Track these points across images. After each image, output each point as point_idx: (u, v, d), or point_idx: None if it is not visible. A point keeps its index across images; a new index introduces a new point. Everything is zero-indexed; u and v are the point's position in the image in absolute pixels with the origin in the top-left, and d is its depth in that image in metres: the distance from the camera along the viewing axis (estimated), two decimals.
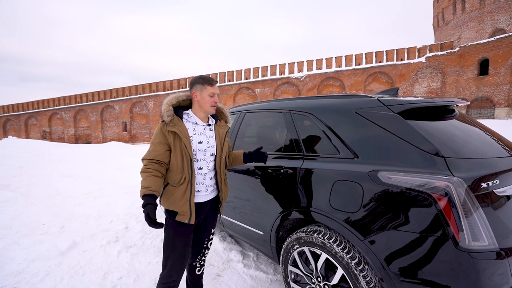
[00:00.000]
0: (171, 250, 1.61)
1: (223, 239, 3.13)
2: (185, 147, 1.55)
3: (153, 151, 1.57)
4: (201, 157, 1.64)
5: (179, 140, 1.56)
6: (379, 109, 1.53)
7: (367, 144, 1.51)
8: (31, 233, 3.60)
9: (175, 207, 1.56)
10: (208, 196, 1.70)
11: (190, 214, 1.56)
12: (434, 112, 1.58)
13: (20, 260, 2.87)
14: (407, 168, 1.30)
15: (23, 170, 8.17)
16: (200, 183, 1.65)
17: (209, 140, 1.67)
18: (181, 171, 1.56)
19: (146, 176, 1.51)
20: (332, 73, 24.47)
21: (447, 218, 1.14)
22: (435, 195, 1.17)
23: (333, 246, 1.51)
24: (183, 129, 1.56)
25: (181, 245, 1.61)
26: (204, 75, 1.65)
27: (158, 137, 1.58)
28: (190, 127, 1.62)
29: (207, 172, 1.67)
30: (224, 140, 1.74)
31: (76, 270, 2.64)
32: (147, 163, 1.55)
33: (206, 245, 1.83)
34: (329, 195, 1.56)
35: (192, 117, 1.66)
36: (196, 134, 1.63)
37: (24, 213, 4.44)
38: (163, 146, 1.57)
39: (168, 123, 1.55)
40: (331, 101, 1.84)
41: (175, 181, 1.56)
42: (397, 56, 23.62)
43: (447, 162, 1.23)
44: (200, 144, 1.63)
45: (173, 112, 1.58)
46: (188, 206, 1.55)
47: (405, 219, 1.25)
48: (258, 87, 26.96)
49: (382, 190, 1.33)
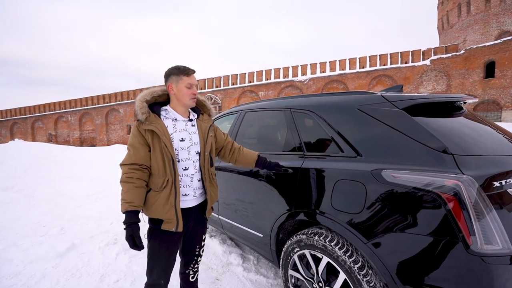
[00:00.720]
0: (156, 260, 1.50)
1: (223, 241, 3.06)
2: (165, 146, 1.40)
3: (133, 155, 1.41)
4: (185, 157, 1.49)
5: (158, 139, 1.41)
6: (383, 105, 1.46)
7: (371, 142, 1.44)
8: (31, 235, 3.58)
9: (159, 214, 1.41)
10: (197, 200, 1.56)
11: (177, 221, 1.42)
12: (441, 109, 1.51)
13: (18, 262, 2.84)
14: (413, 167, 1.23)
15: (28, 172, 8.22)
16: (187, 185, 1.50)
17: (192, 136, 1.52)
18: (163, 174, 1.41)
19: (128, 187, 1.36)
20: (336, 76, 24.38)
21: (457, 220, 1.06)
22: (443, 194, 1.10)
23: (335, 249, 1.43)
24: (162, 127, 1.41)
25: (167, 255, 1.51)
26: (180, 65, 1.49)
27: (135, 138, 1.42)
28: (169, 124, 1.48)
29: (194, 173, 1.52)
30: (207, 136, 1.58)
31: (73, 272, 2.59)
32: (128, 170, 1.39)
33: (199, 253, 1.71)
34: (330, 195, 1.49)
35: (171, 113, 1.51)
36: (177, 131, 1.48)
37: (26, 215, 4.44)
38: (143, 147, 1.42)
39: (144, 121, 1.40)
40: (333, 98, 1.77)
41: (157, 185, 1.42)
42: (401, 59, 23.45)
43: (456, 159, 1.15)
44: (183, 142, 1.49)
45: (148, 109, 1.43)
46: (174, 212, 1.41)
47: (411, 221, 1.17)
48: (261, 90, 26.98)
49: (387, 190, 1.26)
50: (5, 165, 9.21)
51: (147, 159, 1.43)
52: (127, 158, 1.42)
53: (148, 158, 1.43)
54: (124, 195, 1.36)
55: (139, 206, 1.37)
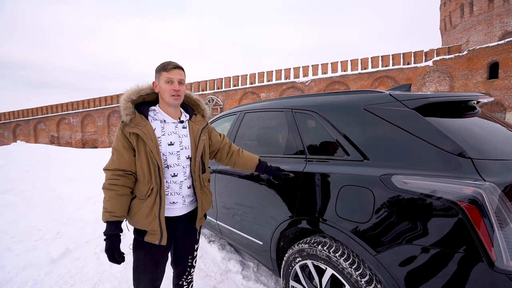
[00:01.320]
0: (142, 273, 1.39)
1: (222, 247, 2.95)
2: (151, 152, 1.28)
3: (116, 160, 1.30)
4: (174, 162, 1.36)
5: (143, 144, 1.29)
6: (392, 105, 1.35)
7: (379, 144, 1.33)
8: (26, 239, 3.49)
9: (142, 225, 1.31)
10: (186, 208, 1.44)
11: (161, 233, 1.31)
12: (454, 109, 1.40)
13: (10, 267, 2.75)
14: (426, 172, 1.12)
15: (29, 174, 8.18)
16: (175, 193, 1.38)
17: (182, 140, 1.39)
18: (148, 181, 1.30)
19: (111, 195, 1.26)
20: (338, 78, 24.26)
21: (478, 232, 0.94)
22: (462, 203, 0.98)
23: (339, 260, 1.32)
24: (148, 130, 1.29)
25: (154, 267, 1.40)
26: (164, 61, 1.36)
27: (120, 141, 1.31)
28: (158, 126, 1.35)
29: (183, 180, 1.39)
30: (199, 139, 1.44)
31: (66, 280, 2.49)
32: (111, 176, 1.29)
33: (191, 264, 1.58)
34: (335, 202, 1.38)
35: (159, 114, 1.38)
36: (166, 134, 1.36)
37: (22, 218, 4.36)
38: (128, 151, 1.31)
39: (128, 123, 1.29)
40: (337, 97, 1.67)
41: (142, 193, 1.31)
42: (403, 60, 23.30)
43: (475, 164, 1.04)
44: (172, 146, 1.36)
45: (133, 110, 1.31)
46: (158, 223, 1.30)
47: (425, 232, 1.06)
48: (263, 91, 26.90)
49: (397, 197, 1.15)
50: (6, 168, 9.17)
51: (132, 164, 1.32)
52: (110, 163, 1.32)
53: (133, 163, 1.32)
54: (105, 204, 1.27)
55: (121, 216, 1.28)
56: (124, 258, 1.27)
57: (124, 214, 1.30)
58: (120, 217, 1.27)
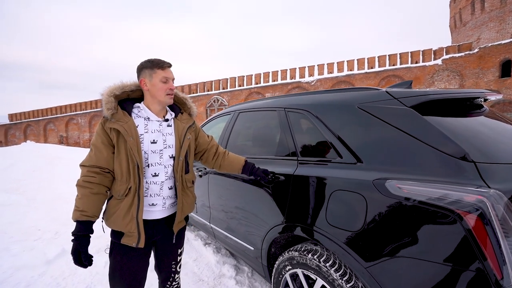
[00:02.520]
0: (119, 279, 1.30)
1: (217, 250, 2.87)
2: (131, 150, 1.22)
3: (94, 156, 1.24)
4: (156, 161, 1.31)
5: (124, 141, 1.24)
6: (388, 103, 1.25)
7: (373, 146, 1.23)
8: (25, 239, 3.49)
9: (119, 226, 1.24)
10: (166, 211, 1.37)
11: (138, 235, 1.24)
12: (458, 107, 1.28)
13: (6, 268, 2.73)
14: (424, 176, 1.01)
15: (35, 174, 8.28)
16: (155, 194, 1.31)
17: (166, 138, 1.34)
18: (127, 180, 1.24)
19: (84, 193, 1.20)
20: (344, 77, 23.94)
21: (482, 246, 0.83)
22: (462, 213, 0.87)
23: (330, 271, 1.22)
24: (130, 126, 1.24)
25: (133, 273, 1.31)
26: (154, 58, 1.31)
27: (100, 137, 1.25)
28: (141, 124, 1.30)
29: (164, 180, 1.33)
30: (184, 138, 1.39)
31: (58, 281, 2.45)
32: (87, 173, 1.23)
33: (175, 269, 1.50)
34: (325, 208, 1.28)
35: (143, 111, 1.33)
36: (149, 131, 1.31)
37: (23, 218, 4.38)
38: (107, 148, 1.25)
39: (110, 118, 1.23)
40: (330, 95, 1.57)
41: (119, 192, 1.25)
42: (411, 59, 22.83)
43: (478, 168, 0.93)
44: (154, 144, 1.30)
45: (115, 104, 1.25)
46: (135, 224, 1.23)
47: (422, 244, 0.95)
48: (268, 91, 26.77)
49: (391, 204, 1.04)
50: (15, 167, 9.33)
51: (110, 161, 1.26)
52: (88, 159, 1.26)
53: (111, 161, 1.26)
54: (77, 202, 1.21)
55: (93, 216, 1.21)
56: (91, 261, 1.20)
57: (96, 215, 1.23)
58: (92, 217, 1.20)
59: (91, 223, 1.21)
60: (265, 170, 1.60)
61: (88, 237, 1.20)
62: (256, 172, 1.60)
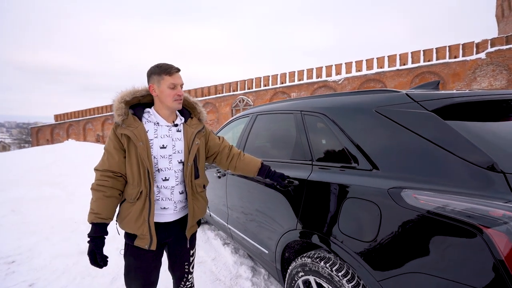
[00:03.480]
0: (133, 278, 1.36)
1: (235, 251, 2.90)
2: (141, 154, 1.26)
3: (107, 160, 1.29)
4: (166, 166, 1.33)
5: (134, 146, 1.28)
6: (408, 106, 1.17)
7: (390, 152, 1.16)
8: (63, 230, 3.81)
9: (132, 228, 1.30)
10: (178, 214, 1.40)
11: (150, 238, 1.29)
12: (490, 111, 1.16)
13: (46, 255, 3.01)
14: (445, 187, 0.93)
15: (74, 170, 9.03)
16: (166, 198, 1.35)
17: (175, 143, 1.36)
18: (138, 184, 1.28)
19: (98, 196, 1.26)
20: (373, 75, 22.87)
21: (509, 267, 0.75)
22: (487, 229, 0.79)
23: (342, 281, 1.18)
24: (139, 132, 1.27)
25: (146, 273, 1.37)
26: (162, 63, 1.32)
27: (112, 142, 1.30)
28: (151, 129, 1.33)
29: (175, 185, 1.36)
30: (192, 143, 1.40)
31: (90, 271, 2.65)
32: (100, 177, 1.28)
33: (188, 270, 1.53)
34: (338, 215, 1.23)
35: (153, 116, 1.35)
36: (158, 137, 1.33)
37: (63, 210, 4.79)
38: (119, 152, 1.29)
39: (121, 124, 1.27)
40: (347, 98, 1.51)
41: (131, 196, 1.29)
42: (449, 53, 21.14)
43: (508, 180, 0.84)
44: (163, 149, 1.33)
45: (125, 110, 1.29)
46: (147, 227, 1.27)
47: (438, 260, 0.88)
48: (293, 91, 26.45)
49: (406, 215, 0.97)
50: (58, 163, 10.26)
51: (122, 166, 1.31)
52: (101, 163, 1.31)
53: (123, 165, 1.31)
54: (92, 204, 1.26)
55: (107, 219, 1.26)
56: (106, 262, 1.26)
57: (110, 217, 1.28)
58: (106, 219, 1.26)
59: (105, 225, 1.27)
60: (281, 175, 1.57)
61: (103, 239, 1.26)
62: (273, 176, 1.58)
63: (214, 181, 2.69)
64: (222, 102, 29.12)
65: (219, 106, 28.94)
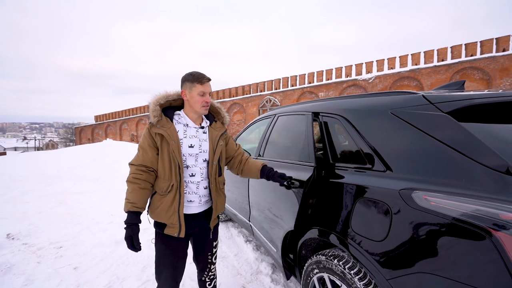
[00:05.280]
0: (163, 265, 1.50)
1: (256, 248, 2.99)
2: (173, 152, 1.40)
3: (141, 156, 1.44)
4: (193, 163, 1.48)
5: (167, 144, 1.42)
6: (423, 108, 1.16)
7: (404, 154, 1.16)
8: (101, 221, 4.19)
9: (162, 218, 1.43)
10: (201, 207, 1.54)
11: (179, 226, 1.42)
12: (506, 112, 1.11)
13: (87, 244, 3.35)
14: (457, 189, 0.93)
15: (112, 166, 9.78)
16: (193, 192, 1.49)
17: (201, 144, 1.50)
18: (169, 178, 1.42)
19: (133, 188, 1.39)
20: (407, 72, 21.59)
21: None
22: (497, 232, 0.79)
23: (354, 278, 1.21)
24: (172, 131, 1.41)
25: (174, 260, 1.50)
26: (195, 72, 1.45)
27: (146, 139, 1.44)
28: (180, 129, 1.47)
29: (200, 181, 1.50)
30: (217, 144, 1.54)
31: (123, 260, 2.90)
32: (135, 171, 1.42)
33: (211, 260, 1.66)
34: (351, 215, 1.26)
35: (183, 118, 1.50)
36: (187, 137, 1.47)
37: (101, 204, 5.24)
38: (152, 149, 1.44)
39: (155, 124, 1.42)
40: (363, 100, 1.52)
41: (162, 189, 1.43)
42: (497, 46, 19.26)
43: None
44: (191, 148, 1.47)
45: (160, 112, 1.43)
46: (177, 217, 1.41)
47: (446, 262, 0.89)
48: (321, 90, 25.93)
49: (416, 216, 0.98)
50: (97, 161, 11.17)
51: (155, 162, 1.45)
52: (136, 158, 1.46)
53: (156, 161, 1.45)
54: (128, 195, 1.40)
55: (141, 208, 1.40)
56: (140, 247, 1.39)
57: (144, 206, 1.41)
58: (141, 208, 1.39)
59: (139, 213, 1.40)
60: (282, 174, 1.63)
61: (138, 225, 1.40)
62: (273, 176, 1.64)
63: (238, 180, 2.81)
64: (250, 102, 29.42)
65: (246, 107, 29.27)
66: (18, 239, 3.39)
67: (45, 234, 3.56)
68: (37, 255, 2.96)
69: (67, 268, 2.71)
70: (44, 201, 5.20)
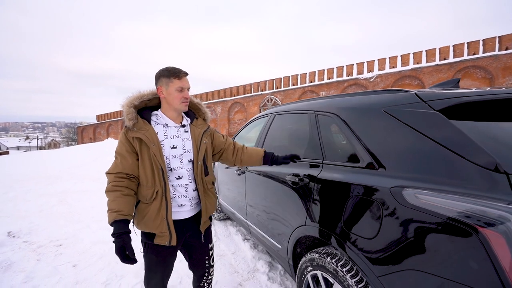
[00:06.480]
0: (154, 272, 1.43)
1: (254, 246, 3.00)
2: (154, 155, 1.29)
3: (120, 163, 1.30)
4: (178, 165, 1.38)
5: (147, 148, 1.31)
6: (415, 106, 1.16)
7: (397, 152, 1.16)
8: (101, 220, 4.21)
9: (151, 228, 1.32)
10: (193, 210, 1.45)
11: (169, 234, 1.32)
12: (497, 110, 1.11)
13: (87, 241, 3.38)
14: (447, 187, 0.93)
15: None
16: (182, 196, 1.40)
17: (185, 143, 1.41)
18: (152, 185, 1.31)
19: (116, 196, 1.24)
20: (409, 71, 21.49)
21: (505, 268, 0.74)
22: (484, 229, 0.79)
23: (346, 276, 1.21)
24: (151, 134, 1.31)
25: (164, 267, 1.44)
26: (171, 67, 1.35)
27: (123, 145, 1.32)
28: (160, 130, 1.37)
29: (189, 183, 1.40)
30: (200, 142, 1.45)
31: None
32: (115, 179, 1.28)
33: (209, 264, 1.59)
34: (343, 212, 1.27)
35: (161, 118, 1.39)
36: (168, 138, 1.37)
37: (101, 202, 5.27)
38: (131, 155, 1.31)
39: (131, 128, 1.30)
40: (357, 99, 1.52)
41: (146, 197, 1.31)
42: (500, 45, 19.11)
43: (511, 181, 0.82)
44: (174, 149, 1.37)
45: (135, 115, 1.32)
46: (166, 225, 1.31)
47: (435, 259, 0.89)
48: (323, 89, 25.87)
49: (406, 214, 0.99)
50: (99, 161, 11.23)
51: (135, 168, 1.33)
52: (114, 166, 1.32)
53: (136, 168, 1.34)
54: (110, 205, 1.24)
55: (128, 215, 1.24)
56: (136, 259, 1.21)
57: (130, 214, 1.26)
58: (127, 215, 1.23)
59: (128, 221, 1.24)
60: (285, 156, 1.61)
61: (129, 233, 1.21)
62: (277, 161, 1.62)
63: (235, 178, 2.81)
64: (251, 101, 29.41)
65: (248, 106, 29.27)
66: (19, 237, 3.43)
67: (46, 232, 3.59)
68: (37, 253, 2.99)
69: (67, 265, 2.73)
70: (45, 200, 5.24)
